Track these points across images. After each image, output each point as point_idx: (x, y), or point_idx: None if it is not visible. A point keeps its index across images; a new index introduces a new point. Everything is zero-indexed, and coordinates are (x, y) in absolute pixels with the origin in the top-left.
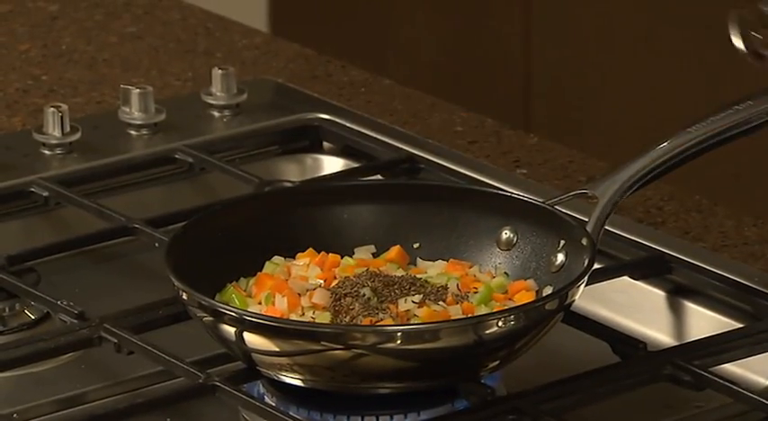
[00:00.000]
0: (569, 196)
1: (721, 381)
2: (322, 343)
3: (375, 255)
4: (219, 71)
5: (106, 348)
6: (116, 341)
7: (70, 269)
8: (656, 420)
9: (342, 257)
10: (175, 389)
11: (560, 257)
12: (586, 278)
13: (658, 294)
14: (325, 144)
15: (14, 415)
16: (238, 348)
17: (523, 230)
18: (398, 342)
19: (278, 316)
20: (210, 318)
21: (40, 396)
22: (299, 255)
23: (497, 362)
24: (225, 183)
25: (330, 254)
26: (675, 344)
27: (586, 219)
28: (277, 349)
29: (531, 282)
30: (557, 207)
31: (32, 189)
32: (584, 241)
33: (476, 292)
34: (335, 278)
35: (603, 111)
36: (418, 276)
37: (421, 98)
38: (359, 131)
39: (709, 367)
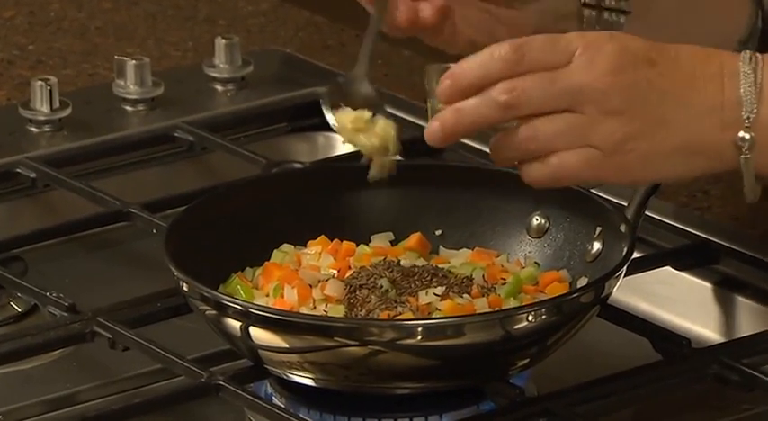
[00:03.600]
0: None
1: None
2: (335, 338)
3: (393, 243)
4: (223, 41)
5: (99, 344)
6: (110, 336)
7: (60, 257)
8: None
9: (357, 245)
10: (175, 389)
11: (596, 246)
12: (625, 268)
13: (704, 286)
14: None
15: (0, 416)
16: (244, 344)
17: (556, 216)
18: (419, 338)
19: (287, 309)
20: (213, 312)
21: (28, 395)
22: (310, 242)
23: (527, 361)
24: (229, 164)
25: (344, 241)
26: (722, 340)
27: (625, 204)
28: (286, 345)
29: (564, 273)
30: (592, 190)
31: (18, 170)
32: (623, 228)
33: (504, 284)
34: (350, 268)
35: None
36: (440, 266)
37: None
38: None
39: (759, 366)
